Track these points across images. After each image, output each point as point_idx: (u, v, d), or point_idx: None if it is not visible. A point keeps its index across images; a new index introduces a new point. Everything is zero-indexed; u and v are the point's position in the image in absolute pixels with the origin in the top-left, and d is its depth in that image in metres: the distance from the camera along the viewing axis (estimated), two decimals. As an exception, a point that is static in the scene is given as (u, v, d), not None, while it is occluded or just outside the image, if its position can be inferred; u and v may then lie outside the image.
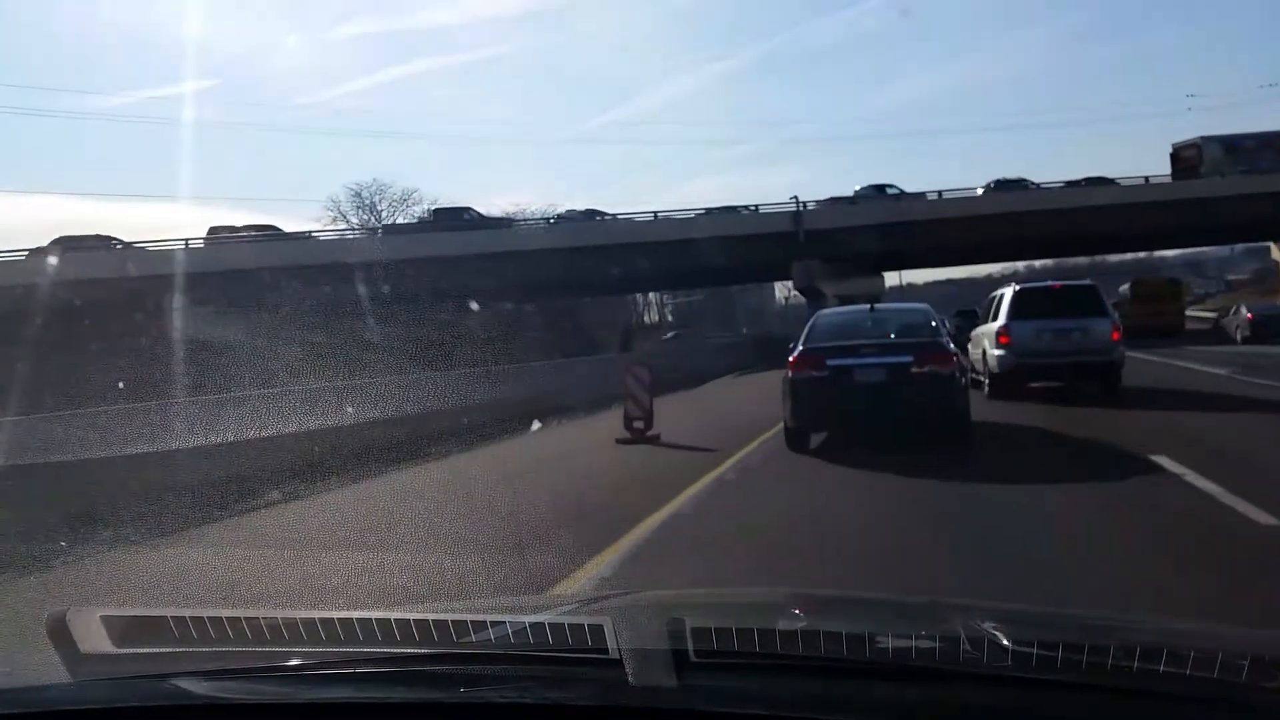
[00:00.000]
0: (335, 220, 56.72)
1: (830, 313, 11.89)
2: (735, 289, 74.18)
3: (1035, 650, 1.53)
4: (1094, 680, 1.40)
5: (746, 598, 2.93)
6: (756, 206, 43.69)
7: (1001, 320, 14.12)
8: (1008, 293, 14.69)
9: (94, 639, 1.62)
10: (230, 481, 9.67)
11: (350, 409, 13.11)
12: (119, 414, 10.87)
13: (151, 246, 39.42)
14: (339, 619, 1.76)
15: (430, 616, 1.70)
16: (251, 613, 1.75)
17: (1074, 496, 7.03)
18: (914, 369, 9.33)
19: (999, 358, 14.02)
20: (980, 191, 42.74)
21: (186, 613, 1.81)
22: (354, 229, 52.50)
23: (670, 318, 77.65)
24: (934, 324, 10.32)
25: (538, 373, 21.43)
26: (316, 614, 1.79)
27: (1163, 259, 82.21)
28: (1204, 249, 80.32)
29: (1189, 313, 43.80)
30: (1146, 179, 43.47)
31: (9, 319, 24.86)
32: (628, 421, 12.09)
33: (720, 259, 38.47)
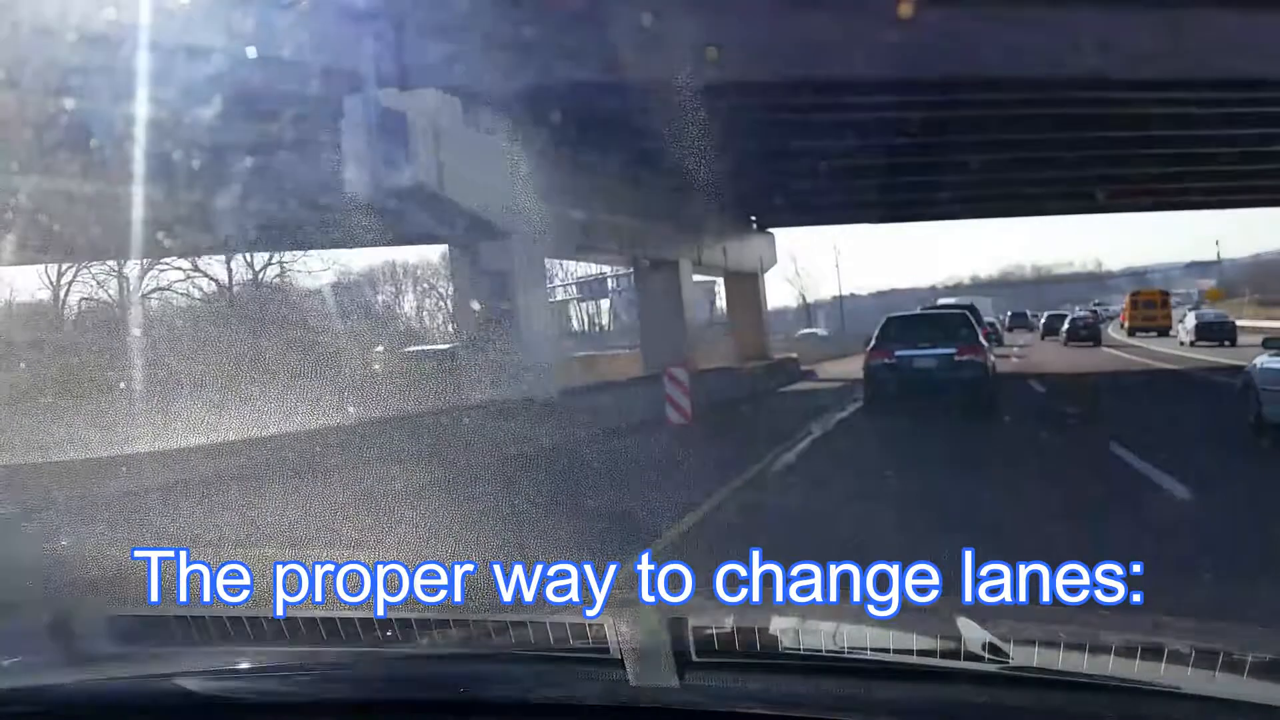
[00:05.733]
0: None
1: (895, 316, 16.09)
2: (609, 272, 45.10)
3: (1035, 650, 1.53)
4: (1094, 680, 1.40)
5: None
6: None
7: None
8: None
9: (96, 638, 1.62)
10: None
11: None
12: None
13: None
14: (340, 618, 1.76)
15: (431, 615, 1.70)
16: (253, 612, 1.75)
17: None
18: (956, 358, 13.21)
19: None
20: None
21: (189, 612, 1.81)
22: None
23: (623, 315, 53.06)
24: (971, 326, 14.31)
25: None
26: (318, 613, 1.80)
27: (1108, 271, 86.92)
28: (1150, 265, 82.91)
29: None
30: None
31: None
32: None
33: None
